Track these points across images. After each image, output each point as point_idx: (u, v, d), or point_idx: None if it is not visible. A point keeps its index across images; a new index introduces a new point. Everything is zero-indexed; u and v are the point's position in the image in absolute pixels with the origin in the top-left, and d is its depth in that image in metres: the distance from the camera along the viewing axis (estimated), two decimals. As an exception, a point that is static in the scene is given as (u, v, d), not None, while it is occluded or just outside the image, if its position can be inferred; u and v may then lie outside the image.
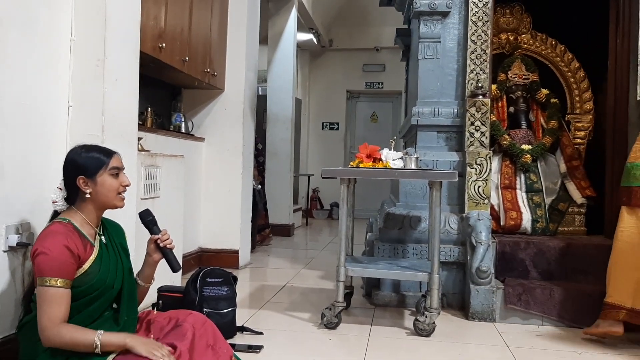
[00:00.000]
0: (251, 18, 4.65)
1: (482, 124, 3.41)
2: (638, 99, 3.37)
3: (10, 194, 2.05)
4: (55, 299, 1.56)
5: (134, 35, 2.65)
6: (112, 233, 1.84)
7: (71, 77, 2.37)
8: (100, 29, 2.37)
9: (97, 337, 1.55)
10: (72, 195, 1.73)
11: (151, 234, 1.89)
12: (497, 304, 3.08)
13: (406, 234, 3.42)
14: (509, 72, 3.97)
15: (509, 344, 2.70)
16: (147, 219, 1.89)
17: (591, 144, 3.88)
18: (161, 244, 1.86)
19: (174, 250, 1.90)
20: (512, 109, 4.02)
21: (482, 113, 3.41)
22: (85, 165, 1.71)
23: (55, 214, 1.76)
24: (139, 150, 2.92)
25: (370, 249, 3.59)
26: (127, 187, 1.80)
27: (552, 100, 3.86)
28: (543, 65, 4.05)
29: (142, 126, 3.44)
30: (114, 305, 1.79)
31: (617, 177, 3.37)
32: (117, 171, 1.76)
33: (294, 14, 6.85)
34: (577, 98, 3.97)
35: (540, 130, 3.91)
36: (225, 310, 2.62)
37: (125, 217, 2.07)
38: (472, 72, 3.48)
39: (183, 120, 4.36)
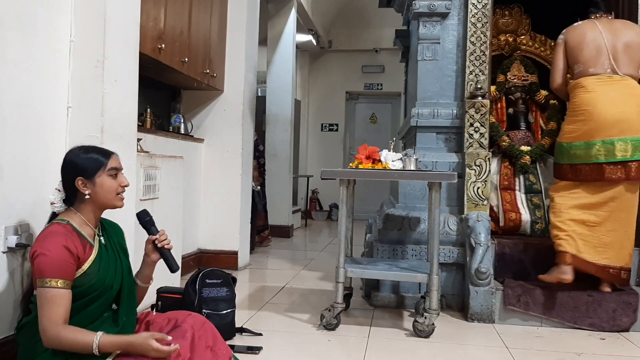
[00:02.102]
0: (250, 19, 4.65)
1: (482, 125, 3.41)
2: (637, 100, 3.38)
3: (9, 195, 2.05)
4: (55, 300, 1.56)
5: (134, 36, 2.65)
6: (111, 233, 1.84)
7: (70, 78, 2.37)
8: (100, 30, 2.37)
9: (96, 339, 1.55)
10: (71, 196, 1.73)
11: (149, 234, 1.88)
12: (497, 305, 3.08)
13: (405, 235, 3.42)
14: (508, 74, 3.97)
15: (508, 345, 2.70)
16: (145, 219, 1.89)
17: (590, 145, 3.88)
18: (159, 245, 1.86)
19: (172, 251, 1.90)
20: (511, 110, 4.02)
21: (482, 114, 3.41)
22: (83, 166, 1.71)
23: (54, 215, 1.76)
24: (138, 151, 2.92)
25: (369, 250, 3.59)
26: (126, 188, 1.80)
27: (552, 101, 3.87)
28: (542, 67, 4.05)
29: (141, 127, 3.44)
30: (114, 306, 1.79)
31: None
32: (116, 172, 1.76)
33: (293, 15, 6.85)
34: (576, 99, 3.97)
35: (540, 132, 3.92)
36: (225, 312, 2.62)
37: (124, 218, 2.07)
38: (472, 74, 3.49)
39: (182, 121, 4.36)
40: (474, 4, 3.49)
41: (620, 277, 3.01)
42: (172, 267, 1.87)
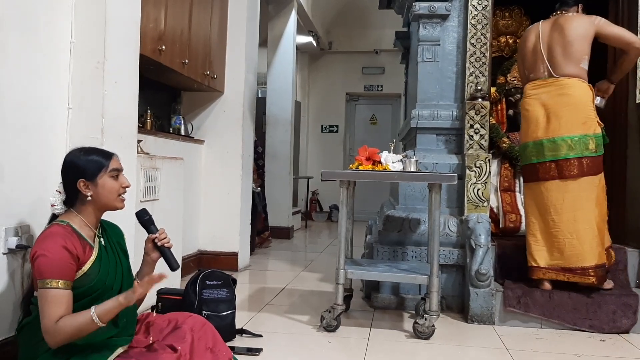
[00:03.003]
0: (251, 20, 4.65)
1: (482, 127, 3.41)
2: (637, 101, 3.38)
3: (9, 196, 2.05)
4: (56, 300, 1.56)
5: (134, 38, 2.65)
6: (111, 234, 1.84)
7: (71, 79, 2.37)
8: (101, 32, 2.37)
9: (93, 313, 1.56)
10: (72, 198, 1.73)
11: (148, 233, 1.88)
12: (497, 307, 3.08)
13: (405, 236, 3.42)
14: (508, 75, 3.98)
15: (508, 347, 2.70)
16: (144, 218, 1.89)
17: (590, 147, 3.88)
18: (159, 243, 1.86)
19: (172, 250, 1.90)
20: (511, 111, 4.03)
21: (482, 116, 3.42)
22: (85, 168, 1.71)
23: (54, 217, 1.76)
24: (138, 152, 2.92)
25: (369, 251, 3.59)
26: (127, 189, 1.80)
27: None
28: (542, 68, 4.04)
29: (141, 128, 3.44)
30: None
31: (615, 178, 3.38)
32: (117, 173, 1.76)
33: (293, 17, 6.86)
34: (576, 101, 3.97)
35: (540, 133, 3.91)
36: (225, 313, 2.62)
37: (125, 219, 2.07)
38: (472, 75, 3.49)
39: (183, 122, 4.36)
40: (474, 5, 3.49)
41: (598, 275, 2.97)
42: (173, 266, 1.87)
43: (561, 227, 3.02)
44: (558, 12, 3.18)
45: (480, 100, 3.42)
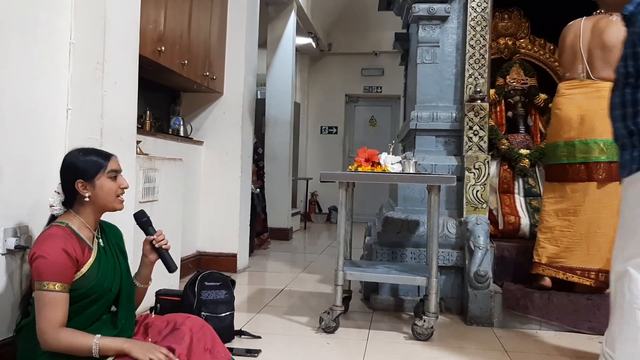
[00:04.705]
0: (250, 22, 4.66)
1: (481, 129, 3.42)
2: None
3: (8, 197, 2.05)
4: (53, 303, 1.56)
5: (134, 39, 2.65)
6: (110, 236, 1.84)
7: (70, 80, 2.37)
8: (100, 32, 2.37)
9: (95, 342, 1.55)
10: (70, 198, 1.73)
11: (146, 234, 1.88)
12: (496, 309, 3.08)
13: (405, 238, 3.41)
14: (507, 77, 3.98)
15: (507, 349, 2.70)
16: (142, 220, 1.89)
17: (589, 149, 3.88)
18: (156, 245, 1.86)
19: (171, 253, 1.90)
20: (510, 113, 4.03)
21: (481, 117, 3.42)
22: (83, 169, 1.71)
23: (53, 217, 1.76)
24: (137, 153, 2.92)
25: (368, 253, 3.59)
26: (125, 190, 1.80)
27: (551, 104, 3.87)
28: (541, 70, 4.06)
29: (141, 129, 3.44)
30: (113, 308, 1.79)
31: (615, 181, 3.37)
32: (115, 174, 1.76)
33: (293, 18, 6.86)
34: (575, 103, 3.97)
35: (539, 135, 3.92)
36: (224, 314, 2.62)
37: (124, 220, 2.07)
38: (471, 77, 3.49)
39: (182, 123, 4.36)
40: (473, 7, 3.49)
41: (598, 279, 2.96)
42: (170, 267, 1.87)
43: (575, 227, 3.03)
44: (601, 11, 3.11)
45: (479, 102, 3.42)
